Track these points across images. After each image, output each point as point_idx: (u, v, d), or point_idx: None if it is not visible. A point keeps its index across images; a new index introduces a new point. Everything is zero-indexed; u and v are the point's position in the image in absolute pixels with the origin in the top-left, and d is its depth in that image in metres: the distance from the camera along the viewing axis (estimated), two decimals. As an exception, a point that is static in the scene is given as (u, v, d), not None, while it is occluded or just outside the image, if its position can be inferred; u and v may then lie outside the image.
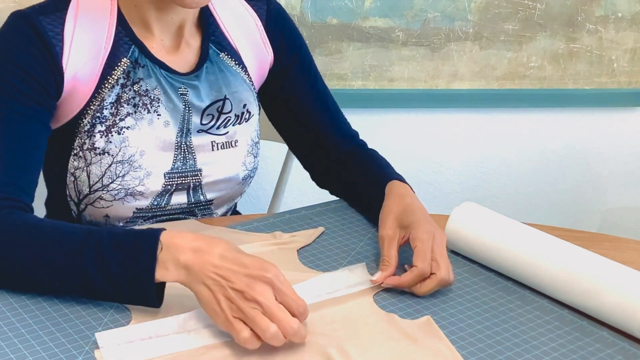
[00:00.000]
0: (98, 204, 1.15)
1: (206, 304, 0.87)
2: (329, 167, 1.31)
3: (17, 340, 0.86)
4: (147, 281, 0.89)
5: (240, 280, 0.86)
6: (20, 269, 0.93)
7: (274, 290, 0.86)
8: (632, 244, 1.19)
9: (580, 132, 2.19)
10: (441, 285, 1.00)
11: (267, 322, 0.84)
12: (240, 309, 0.85)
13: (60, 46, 1.09)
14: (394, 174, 1.21)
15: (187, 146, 1.17)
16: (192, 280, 0.88)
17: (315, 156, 1.33)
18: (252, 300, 0.85)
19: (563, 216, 2.26)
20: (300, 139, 1.33)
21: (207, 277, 0.86)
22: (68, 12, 1.10)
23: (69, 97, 1.11)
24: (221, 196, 1.24)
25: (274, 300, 0.86)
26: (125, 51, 1.13)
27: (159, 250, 0.89)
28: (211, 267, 0.87)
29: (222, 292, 0.86)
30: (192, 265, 0.87)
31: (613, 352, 0.90)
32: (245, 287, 0.85)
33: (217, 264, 0.87)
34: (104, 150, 1.12)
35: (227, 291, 0.85)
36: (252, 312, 0.84)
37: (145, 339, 0.86)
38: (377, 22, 1.92)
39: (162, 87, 1.15)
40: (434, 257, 1.00)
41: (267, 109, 1.34)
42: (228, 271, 0.86)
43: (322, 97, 1.31)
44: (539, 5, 1.99)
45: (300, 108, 1.30)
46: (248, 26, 1.25)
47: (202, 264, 0.87)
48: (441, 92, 2.02)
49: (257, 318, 0.84)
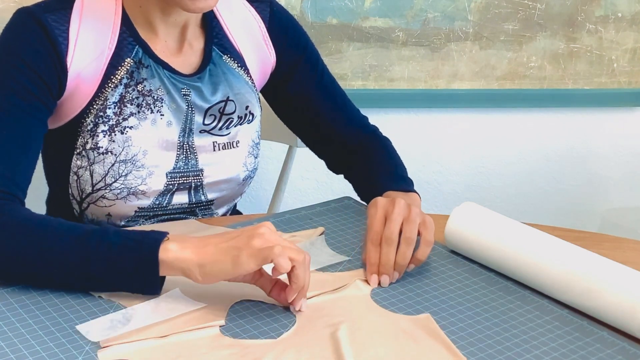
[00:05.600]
0: (100, 202, 1.15)
1: (225, 257, 0.90)
2: (341, 157, 1.34)
3: (17, 340, 0.86)
4: (151, 259, 0.91)
5: (240, 231, 0.93)
6: (20, 258, 0.94)
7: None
8: (632, 244, 1.19)
9: (580, 132, 2.19)
10: (426, 242, 1.04)
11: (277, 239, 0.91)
12: (252, 239, 0.90)
13: (65, 44, 1.09)
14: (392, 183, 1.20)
15: (189, 146, 1.17)
16: (197, 253, 0.91)
17: (327, 148, 1.35)
18: (260, 235, 0.90)
19: (563, 216, 2.26)
20: (312, 134, 1.35)
21: (212, 244, 0.91)
22: (73, 11, 1.11)
23: (71, 95, 1.11)
24: (222, 196, 1.24)
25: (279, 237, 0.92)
26: (129, 51, 1.13)
27: (165, 238, 0.92)
28: (213, 239, 0.92)
29: (230, 244, 0.91)
30: (196, 243, 0.92)
31: (613, 352, 0.90)
32: (248, 232, 0.92)
33: (218, 237, 0.93)
34: (107, 149, 1.12)
35: (233, 241, 0.91)
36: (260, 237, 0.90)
37: (123, 321, 0.90)
38: (377, 22, 1.92)
39: (165, 87, 1.15)
40: (407, 219, 1.03)
41: (275, 107, 1.35)
42: (229, 234, 0.93)
43: (330, 92, 1.33)
44: (539, 5, 1.99)
45: (309, 106, 1.31)
46: (251, 29, 1.25)
47: (206, 240, 0.92)
48: (441, 92, 2.02)
49: (273, 238, 0.90)
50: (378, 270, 1.02)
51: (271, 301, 0.96)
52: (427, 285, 1.03)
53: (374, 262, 1.03)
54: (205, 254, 0.91)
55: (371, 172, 1.26)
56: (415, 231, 1.04)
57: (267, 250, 0.88)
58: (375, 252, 1.03)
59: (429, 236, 1.05)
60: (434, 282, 1.04)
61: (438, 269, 1.07)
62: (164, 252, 0.91)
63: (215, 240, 0.92)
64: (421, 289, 1.02)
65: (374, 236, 1.04)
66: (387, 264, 1.02)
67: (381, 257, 1.02)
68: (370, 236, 1.05)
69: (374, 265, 1.03)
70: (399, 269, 1.03)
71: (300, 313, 0.94)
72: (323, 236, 1.14)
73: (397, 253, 1.02)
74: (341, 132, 1.32)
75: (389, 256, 1.02)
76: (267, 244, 0.89)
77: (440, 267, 1.08)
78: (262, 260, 0.89)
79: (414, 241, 1.03)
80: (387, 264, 1.02)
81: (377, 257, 1.03)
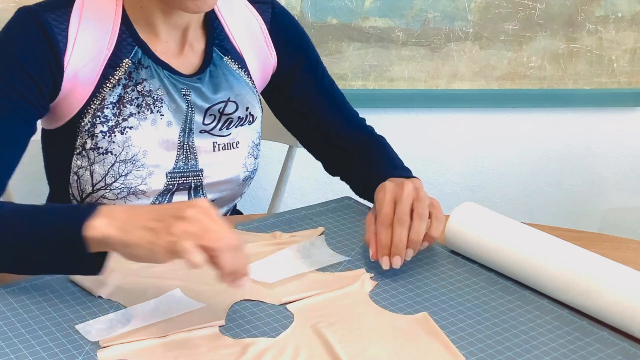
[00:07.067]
0: (101, 202, 1.15)
1: (143, 242, 0.85)
2: (340, 159, 1.33)
3: (17, 340, 0.86)
4: (76, 238, 0.88)
5: (171, 208, 0.87)
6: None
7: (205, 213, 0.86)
8: (632, 244, 1.19)
9: (580, 132, 2.19)
10: (438, 219, 1.06)
11: (207, 225, 0.84)
12: (173, 225, 0.84)
13: (64, 43, 1.09)
14: (393, 171, 1.21)
15: (190, 146, 1.18)
16: (122, 230, 0.87)
17: (326, 149, 1.35)
18: (185, 217, 0.85)
19: (563, 216, 2.26)
20: (310, 135, 1.35)
21: (140, 219, 0.87)
22: (73, 10, 1.11)
23: (68, 95, 1.11)
24: (222, 197, 1.24)
25: (209, 218, 0.86)
26: (128, 52, 1.13)
27: (94, 213, 0.89)
28: (144, 213, 0.88)
29: (153, 224, 0.86)
30: (125, 217, 0.88)
31: (613, 352, 0.90)
32: (177, 211, 0.86)
33: (149, 211, 0.88)
34: (107, 149, 1.12)
35: (156, 222, 0.86)
36: (184, 222, 0.84)
37: (123, 321, 0.90)
38: (377, 22, 1.92)
39: (165, 87, 1.15)
40: (417, 198, 1.05)
41: (274, 108, 1.35)
42: (160, 209, 0.88)
43: (329, 94, 1.33)
44: (539, 5, 1.99)
45: (308, 108, 1.31)
46: (253, 30, 1.25)
47: (136, 213, 0.88)
48: (441, 92, 2.02)
49: (192, 227, 0.84)
50: (390, 252, 1.03)
51: (271, 301, 0.96)
52: (427, 285, 1.03)
53: (385, 244, 1.03)
54: (128, 234, 0.86)
55: (371, 166, 1.26)
56: (426, 208, 1.05)
57: (174, 245, 0.83)
58: (386, 234, 1.04)
59: (440, 214, 1.07)
60: (433, 282, 1.04)
61: (438, 269, 1.07)
62: (90, 229, 0.88)
63: (144, 215, 0.88)
64: (421, 289, 1.02)
65: (384, 218, 1.04)
66: (399, 243, 1.03)
67: (394, 237, 1.03)
68: (380, 218, 1.05)
69: (386, 247, 1.03)
70: (413, 246, 1.03)
71: (297, 311, 0.94)
72: (323, 236, 1.14)
73: (410, 231, 1.03)
74: (340, 134, 1.32)
75: (402, 236, 1.03)
76: (182, 235, 0.83)
77: (440, 267, 1.08)
78: (171, 255, 0.84)
79: (426, 217, 1.05)
80: (400, 243, 1.02)
81: (388, 238, 1.03)
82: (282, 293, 0.98)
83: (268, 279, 1.00)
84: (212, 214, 0.87)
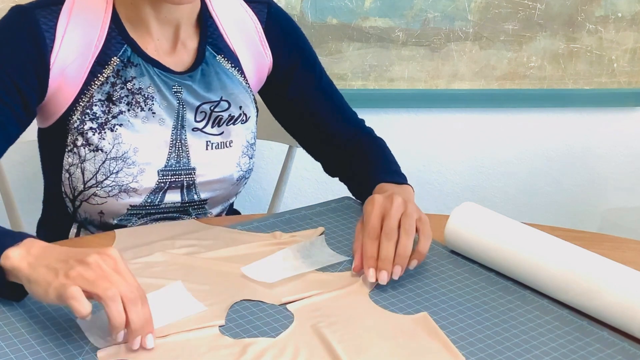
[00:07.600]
0: (92, 200, 1.16)
1: (41, 281, 0.84)
2: (339, 159, 1.33)
3: (17, 340, 0.86)
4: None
5: (79, 252, 0.86)
6: None
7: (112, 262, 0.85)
8: (632, 244, 1.19)
9: (580, 132, 2.19)
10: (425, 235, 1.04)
11: (99, 275, 0.83)
12: (72, 269, 0.83)
13: (51, 40, 1.10)
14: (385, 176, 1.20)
15: (182, 144, 1.18)
16: (30, 266, 0.86)
17: (325, 150, 1.34)
18: (86, 263, 0.84)
19: (563, 216, 2.26)
20: (308, 135, 1.35)
21: (50, 258, 0.86)
22: (63, 8, 1.12)
23: (56, 92, 1.12)
24: (215, 196, 1.24)
25: (111, 267, 0.84)
26: (117, 50, 1.14)
27: (16, 243, 0.89)
28: (56, 253, 0.87)
29: (57, 265, 0.85)
30: (40, 253, 0.87)
31: (613, 352, 0.90)
32: (82, 255, 0.85)
33: (61, 252, 0.87)
34: (98, 147, 1.12)
35: (61, 263, 0.85)
36: (86, 269, 0.83)
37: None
38: (377, 22, 1.92)
39: (155, 85, 1.15)
40: (405, 214, 1.03)
41: (273, 109, 1.35)
42: (70, 252, 0.87)
43: (327, 94, 1.32)
44: (539, 5, 1.99)
45: (306, 108, 1.31)
46: (248, 29, 1.25)
47: (50, 252, 0.87)
48: (441, 92, 2.02)
49: (90, 272, 0.83)
50: (376, 265, 1.01)
51: (271, 301, 0.96)
52: (427, 285, 1.03)
53: (370, 255, 1.01)
54: (34, 270, 0.86)
55: (365, 168, 1.26)
56: (413, 224, 1.03)
57: (63, 289, 0.82)
58: (372, 246, 1.02)
59: (427, 230, 1.05)
60: (433, 282, 1.04)
61: (438, 269, 1.07)
62: (4, 258, 0.88)
63: (55, 254, 0.87)
64: (421, 289, 1.02)
65: (371, 231, 1.03)
66: (386, 258, 1.00)
67: (380, 252, 1.01)
68: (367, 231, 1.03)
69: (372, 258, 1.01)
70: (401, 262, 1.01)
71: (297, 311, 0.94)
72: (323, 236, 1.14)
73: (397, 246, 1.01)
74: (339, 134, 1.32)
75: (389, 251, 1.01)
76: (76, 278, 0.82)
77: (439, 267, 1.08)
78: (59, 299, 0.83)
79: (413, 233, 1.03)
80: (387, 258, 1.00)
81: (374, 250, 1.01)
82: (282, 293, 0.98)
83: (268, 279, 1.00)
84: (117, 263, 0.85)
